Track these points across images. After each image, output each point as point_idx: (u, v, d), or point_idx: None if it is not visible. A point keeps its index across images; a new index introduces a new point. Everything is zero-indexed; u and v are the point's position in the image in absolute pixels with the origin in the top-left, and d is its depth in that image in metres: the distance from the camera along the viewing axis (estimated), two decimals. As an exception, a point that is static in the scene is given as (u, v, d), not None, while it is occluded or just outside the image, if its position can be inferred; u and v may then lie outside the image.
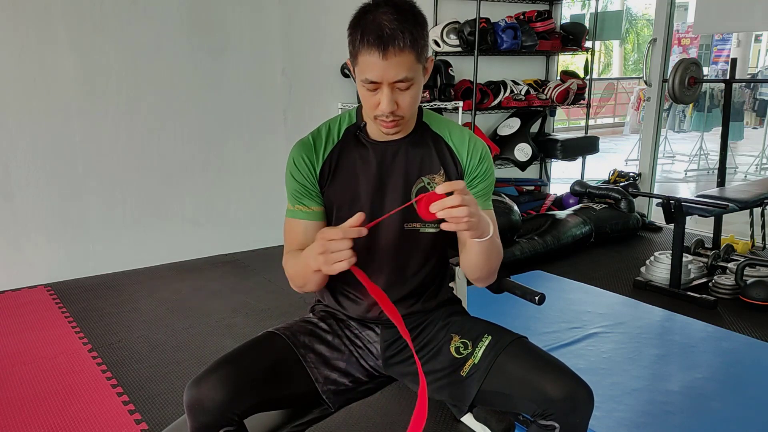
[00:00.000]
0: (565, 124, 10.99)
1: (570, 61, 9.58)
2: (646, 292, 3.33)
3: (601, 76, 13.50)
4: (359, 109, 1.42)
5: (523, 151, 4.69)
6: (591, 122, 6.39)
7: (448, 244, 1.49)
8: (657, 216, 4.34)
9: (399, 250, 1.40)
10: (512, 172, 4.92)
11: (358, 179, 1.37)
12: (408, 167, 1.37)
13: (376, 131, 1.38)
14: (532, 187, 5.05)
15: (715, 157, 6.00)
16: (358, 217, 1.16)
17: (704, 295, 3.17)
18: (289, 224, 1.40)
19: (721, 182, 3.98)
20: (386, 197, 1.38)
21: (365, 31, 1.21)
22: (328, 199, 1.39)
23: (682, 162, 7.98)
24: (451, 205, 1.11)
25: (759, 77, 10.03)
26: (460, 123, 3.05)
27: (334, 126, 1.42)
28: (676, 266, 3.25)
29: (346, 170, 1.38)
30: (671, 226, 3.29)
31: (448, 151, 1.40)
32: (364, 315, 1.45)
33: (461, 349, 1.38)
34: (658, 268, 3.40)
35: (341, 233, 1.14)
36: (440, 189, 1.13)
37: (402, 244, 1.40)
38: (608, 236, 4.19)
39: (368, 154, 1.39)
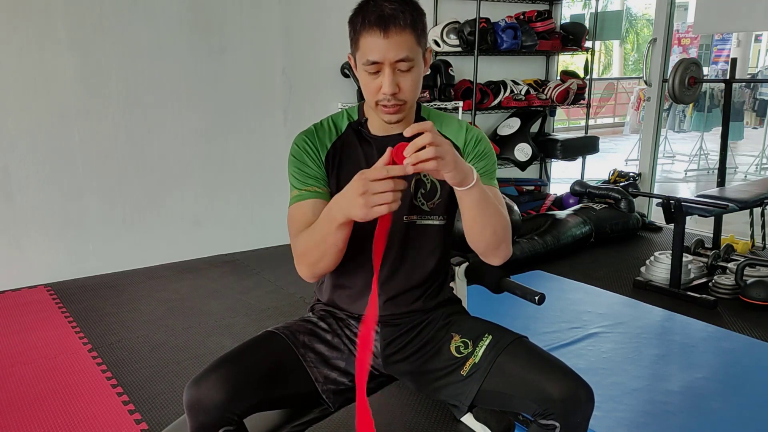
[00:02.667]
0: (565, 124, 10.98)
1: (570, 61, 9.57)
2: (646, 292, 3.33)
3: (601, 76, 13.50)
4: (360, 107, 1.43)
5: (523, 151, 4.69)
6: (591, 122, 6.39)
7: (449, 242, 1.49)
8: (657, 216, 4.34)
9: (399, 243, 1.40)
10: (512, 172, 4.92)
11: None
12: None
13: (377, 126, 1.39)
14: (532, 187, 5.05)
15: (715, 157, 6.00)
16: (388, 153, 1.12)
17: (704, 295, 3.17)
18: (296, 209, 1.35)
19: (721, 182, 3.98)
20: None
21: (366, 14, 1.25)
22: (330, 191, 1.39)
23: (682, 162, 7.98)
24: (421, 144, 1.10)
25: (759, 77, 10.03)
26: (460, 123, 3.03)
27: (336, 120, 1.44)
28: (676, 266, 3.25)
29: (348, 163, 1.39)
30: (671, 226, 3.29)
31: None
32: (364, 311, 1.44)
33: (461, 349, 1.38)
34: (658, 268, 3.40)
35: (385, 171, 1.10)
36: (407, 132, 1.11)
37: (402, 237, 1.40)
38: (608, 236, 4.19)
39: (370, 148, 1.40)
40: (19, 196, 3.37)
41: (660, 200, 3.34)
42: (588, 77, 5.16)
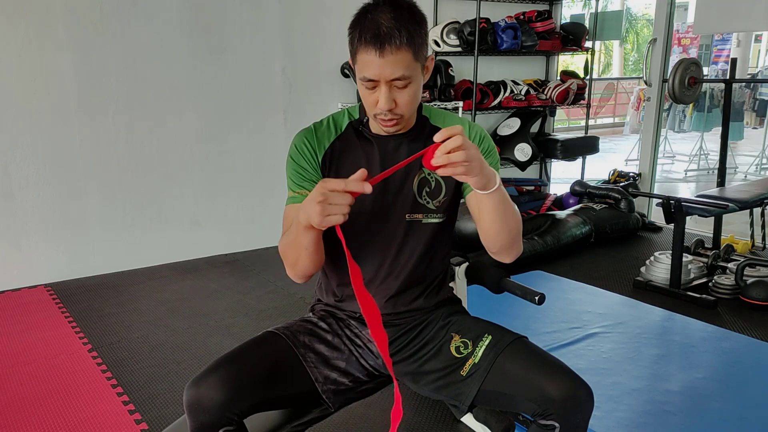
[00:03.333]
0: (565, 124, 10.99)
1: (570, 61, 9.57)
2: (646, 292, 3.33)
3: (601, 76, 13.49)
4: (362, 106, 1.43)
5: (523, 151, 4.69)
6: (591, 122, 6.39)
7: (450, 240, 1.49)
8: (657, 216, 4.34)
9: (401, 241, 1.40)
10: (512, 172, 4.92)
11: None
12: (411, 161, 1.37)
13: (378, 126, 1.39)
14: (532, 187, 5.04)
15: (715, 157, 6.00)
16: (361, 172, 1.13)
17: (704, 295, 3.17)
18: (289, 210, 1.37)
19: (721, 182, 3.98)
20: (388, 190, 1.39)
21: (363, 30, 1.23)
22: None
23: (682, 162, 7.98)
24: (452, 148, 1.09)
25: (759, 77, 10.03)
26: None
27: (336, 119, 1.44)
28: (676, 266, 3.25)
29: (348, 162, 1.39)
30: (671, 226, 3.29)
31: None
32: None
33: (461, 349, 1.38)
34: (658, 268, 3.40)
35: (343, 184, 1.12)
36: (438, 136, 1.11)
37: (404, 235, 1.40)
38: (608, 236, 4.19)
39: (370, 148, 1.40)
40: (19, 196, 3.37)
41: (660, 200, 3.34)
42: (588, 77, 5.16)
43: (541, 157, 5.07)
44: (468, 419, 2.02)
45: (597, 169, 6.04)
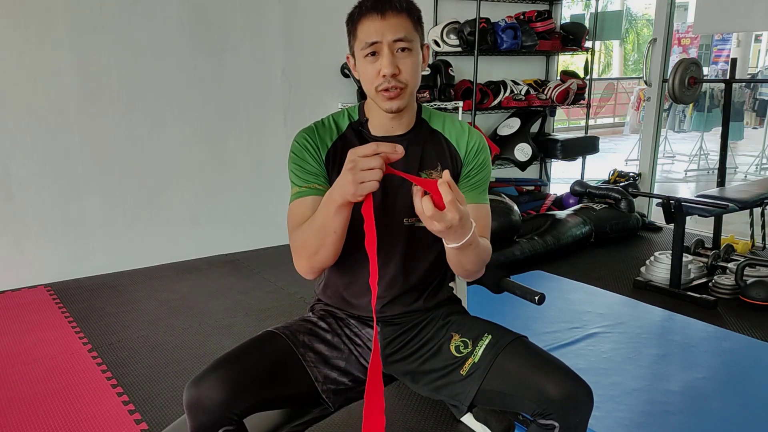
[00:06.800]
0: (565, 124, 10.98)
1: (570, 61, 9.57)
2: (646, 292, 3.33)
3: (601, 76, 13.49)
4: (361, 106, 1.43)
5: (523, 151, 4.69)
6: (591, 122, 6.39)
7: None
8: (657, 216, 4.34)
9: (400, 245, 1.40)
10: (512, 172, 4.92)
11: None
12: (408, 163, 1.37)
13: (378, 127, 1.39)
14: (532, 187, 5.05)
15: (715, 157, 6.00)
16: (394, 148, 1.12)
17: (704, 295, 3.17)
18: (296, 206, 1.35)
19: (721, 182, 3.98)
20: (388, 192, 1.38)
21: (363, 3, 1.29)
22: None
23: (682, 162, 7.98)
24: (445, 199, 1.07)
25: (759, 77, 10.03)
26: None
27: (337, 119, 1.44)
28: (676, 266, 3.25)
29: None
30: (671, 226, 3.29)
31: (447, 146, 1.42)
32: (366, 309, 1.44)
33: (461, 348, 1.38)
34: (658, 268, 3.40)
35: (375, 147, 1.09)
36: (441, 183, 1.08)
37: (402, 239, 1.40)
38: (608, 236, 4.19)
39: None
40: (20, 195, 3.37)
41: (660, 200, 3.34)
42: (588, 77, 5.16)
43: (541, 157, 5.07)
44: (468, 419, 2.02)
45: (597, 169, 6.04)
